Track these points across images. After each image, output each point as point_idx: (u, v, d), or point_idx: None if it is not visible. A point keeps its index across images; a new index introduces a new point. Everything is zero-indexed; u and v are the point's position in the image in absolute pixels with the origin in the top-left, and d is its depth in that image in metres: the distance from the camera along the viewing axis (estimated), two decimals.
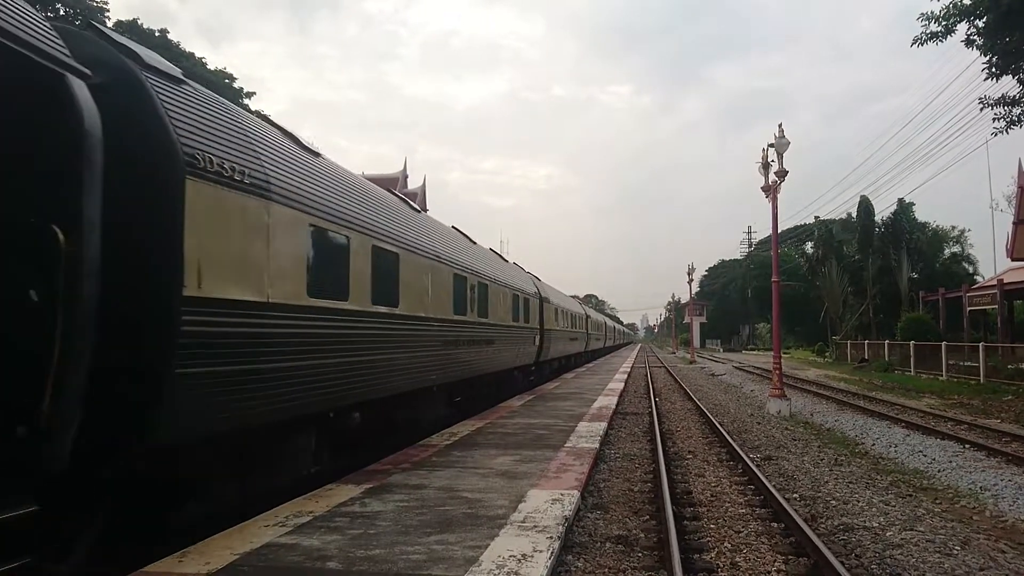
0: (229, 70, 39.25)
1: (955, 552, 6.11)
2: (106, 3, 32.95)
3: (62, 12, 30.03)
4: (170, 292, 4.58)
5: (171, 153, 4.67)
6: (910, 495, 8.41)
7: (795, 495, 8.18)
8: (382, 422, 8.87)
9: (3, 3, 3.80)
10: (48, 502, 3.82)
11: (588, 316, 39.59)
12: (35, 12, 4.14)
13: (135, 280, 4.44)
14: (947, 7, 17.47)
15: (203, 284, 4.79)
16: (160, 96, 4.76)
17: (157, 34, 34.42)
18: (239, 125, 5.75)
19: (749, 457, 10.07)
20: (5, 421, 3.70)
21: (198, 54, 38.28)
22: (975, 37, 17.83)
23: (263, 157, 5.85)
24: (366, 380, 7.70)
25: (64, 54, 4.10)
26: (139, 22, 34.22)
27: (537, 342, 19.98)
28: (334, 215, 6.93)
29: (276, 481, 6.50)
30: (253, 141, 5.83)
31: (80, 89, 4.07)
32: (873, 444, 12.32)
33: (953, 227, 51.16)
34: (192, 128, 4.93)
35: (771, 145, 17.15)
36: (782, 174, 17.05)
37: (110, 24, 31.74)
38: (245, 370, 5.31)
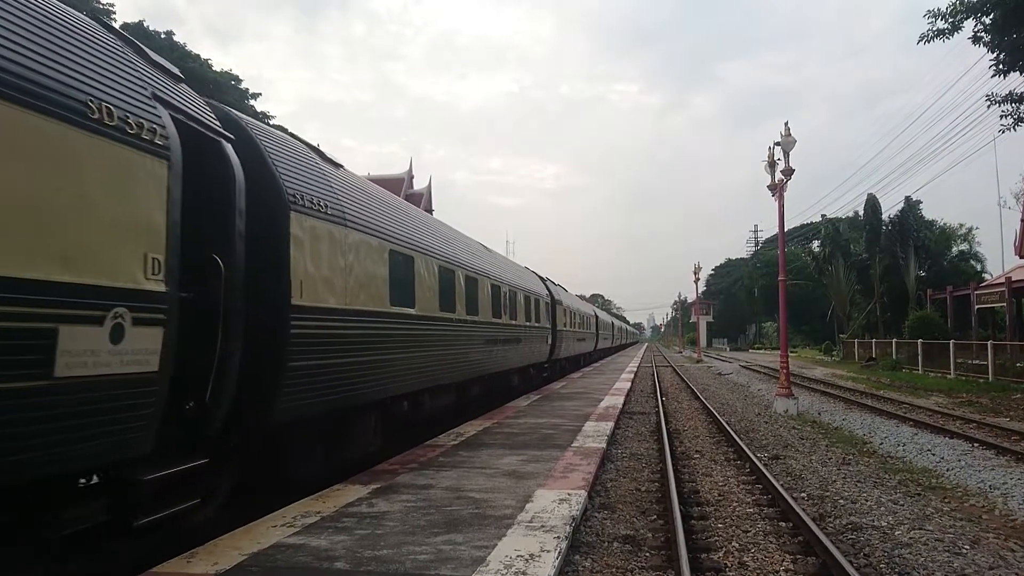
0: (235, 71, 39.47)
1: (964, 551, 6.08)
2: (112, 5, 33.12)
3: None
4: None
5: None
6: (919, 494, 8.37)
7: (803, 494, 8.16)
8: None
9: (184, 93, 5.15)
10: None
11: (597, 316, 40.99)
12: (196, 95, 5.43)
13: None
14: (954, 4, 17.37)
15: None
16: None
17: (163, 36, 34.51)
18: None
19: (756, 456, 10.04)
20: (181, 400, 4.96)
21: (204, 55, 38.42)
22: (982, 34, 17.74)
23: None
24: None
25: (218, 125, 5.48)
26: (144, 24, 34.31)
27: (550, 341, 21.74)
28: None
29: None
30: None
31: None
32: (881, 443, 12.26)
33: (961, 225, 51.13)
34: None
35: (777, 143, 17.06)
36: (788, 172, 16.95)
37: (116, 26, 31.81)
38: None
